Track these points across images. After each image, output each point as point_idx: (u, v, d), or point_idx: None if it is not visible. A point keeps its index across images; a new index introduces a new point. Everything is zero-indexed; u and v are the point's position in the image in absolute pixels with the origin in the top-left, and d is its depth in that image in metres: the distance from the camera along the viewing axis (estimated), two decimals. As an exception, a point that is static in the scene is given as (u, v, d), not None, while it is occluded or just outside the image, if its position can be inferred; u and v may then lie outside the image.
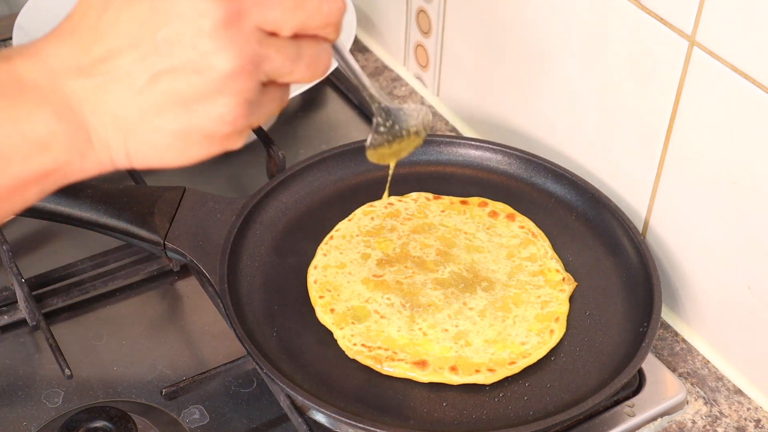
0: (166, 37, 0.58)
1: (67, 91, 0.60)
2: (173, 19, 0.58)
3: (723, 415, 0.94)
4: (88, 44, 0.60)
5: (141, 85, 0.60)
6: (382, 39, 1.34)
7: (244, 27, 0.59)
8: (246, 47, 0.59)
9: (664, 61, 0.92)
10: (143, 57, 0.59)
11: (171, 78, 0.60)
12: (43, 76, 0.60)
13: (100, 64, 0.60)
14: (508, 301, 0.94)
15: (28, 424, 0.90)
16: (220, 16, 0.58)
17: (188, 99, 0.60)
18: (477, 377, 0.87)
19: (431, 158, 1.08)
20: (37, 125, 0.60)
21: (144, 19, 0.59)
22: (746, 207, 0.90)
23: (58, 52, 0.60)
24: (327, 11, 0.63)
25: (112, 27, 0.59)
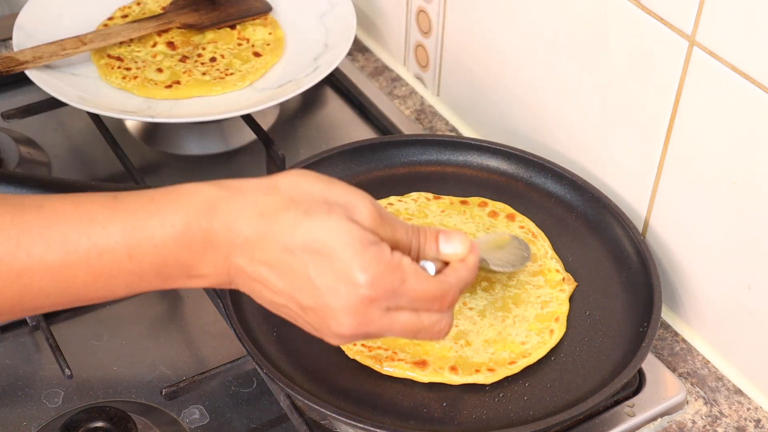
0: (318, 284, 0.70)
1: (232, 263, 0.72)
2: (330, 274, 0.70)
3: (723, 415, 0.94)
4: (262, 253, 0.71)
5: (273, 300, 0.73)
6: (382, 39, 1.34)
7: (372, 310, 0.71)
8: (364, 326, 0.72)
9: (664, 61, 0.92)
10: (292, 286, 0.71)
11: (298, 309, 0.73)
12: (225, 246, 0.72)
13: (262, 269, 0.71)
14: (508, 301, 0.94)
15: (28, 424, 0.90)
16: (362, 296, 0.70)
17: (300, 323, 0.74)
18: (477, 377, 0.87)
19: (431, 158, 1.08)
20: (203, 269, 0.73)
21: (311, 262, 0.70)
22: (746, 207, 0.90)
23: (243, 233, 0.71)
24: (438, 330, 0.75)
25: (285, 252, 0.70)
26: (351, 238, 0.70)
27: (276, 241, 0.70)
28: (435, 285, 0.73)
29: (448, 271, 0.75)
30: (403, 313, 0.73)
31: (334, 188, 0.73)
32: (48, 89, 1.09)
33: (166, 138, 1.21)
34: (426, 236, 0.76)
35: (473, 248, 0.77)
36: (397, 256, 0.72)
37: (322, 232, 0.70)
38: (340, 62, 1.14)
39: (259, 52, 1.19)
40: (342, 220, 0.70)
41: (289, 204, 0.71)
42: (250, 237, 0.70)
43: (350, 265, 0.70)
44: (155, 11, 1.23)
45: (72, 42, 1.14)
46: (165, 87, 1.13)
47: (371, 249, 0.70)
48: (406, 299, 0.72)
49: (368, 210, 0.72)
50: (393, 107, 1.24)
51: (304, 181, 0.73)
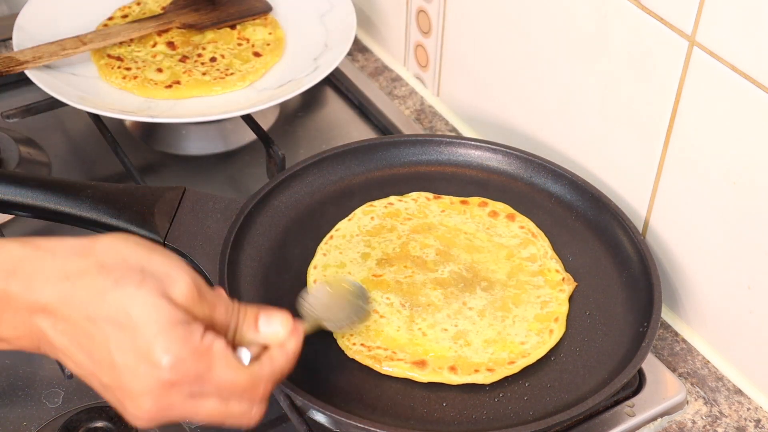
0: (117, 361, 0.66)
1: (33, 326, 0.68)
2: (131, 352, 0.66)
3: (723, 415, 0.94)
4: (64, 321, 0.67)
5: (77, 372, 0.69)
6: (382, 39, 1.34)
7: (172, 395, 0.67)
8: (164, 411, 0.68)
9: (664, 61, 0.92)
10: (92, 361, 0.67)
11: (99, 386, 0.69)
12: (24, 309, 0.68)
13: (64, 338, 0.68)
14: (508, 301, 0.94)
15: (28, 424, 0.90)
16: (162, 379, 0.66)
17: (106, 399, 0.70)
18: (476, 377, 0.87)
19: (431, 158, 1.08)
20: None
21: (113, 336, 0.66)
22: (746, 207, 0.90)
23: (45, 296, 0.67)
24: (247, 419, 0.71)
25: (88, 321, 0.67)
26: (158, 315, 0.66)
27: (80, 308, 0.66)
28: (245, 376, 0.69)
29: (264, 360, 0.72)
30: (209, 400, 0.69)
31: (153, 258, 0.69)
32: (48, 89, 1.09)
33: (166, 138, 1.21)
34: (246, 315, 0.73)
35: (294, 332, 0.74)
36: (208, 339, 0.68)
37: (129, 304, 0.66)
38: (340, 62, 1.14)
39: (259, 52, 1.19)
40: (152, 294, 0.67)
41: (100, 270, 0.67)
42: (51, 301, 0.67)
43: (153, 344, 0.66)
44: (155, 11, 1.23)
45: (72, 42, 1.14)
46: (165, 87, 1.13)
47: (178, 329, 0.66)
48: (212, 387, 0.68)
49: (186, 286, 0.68)
50: (393, 107, 1.25)
51: (123, 247, 0.69)
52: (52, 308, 0.67)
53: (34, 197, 0.95)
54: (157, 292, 0.67)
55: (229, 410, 0.70)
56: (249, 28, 1.22)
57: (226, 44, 1.20)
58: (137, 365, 0.66)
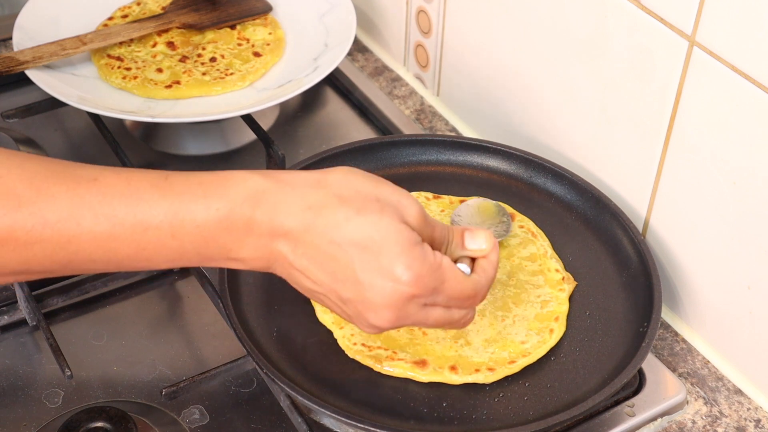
0: (361, 278, 0.74)
1: (273, 249, 0.75)
2: (375, 270, 0.73)
3: (723, 415, 0.94)
4: (306, 245, 0.74)
5: (312, 289, 0.76)
6: (382, 39, 1.34)
7: (410, 306, 0.75)
8: (401, 320, 0.76)
9: (664, 61, 0.92)
10: (334, 278, 0.74)
11: (337, 300, 0.76)
12: (267, 235, 0.74)
13: (304, 260, 0.74)
14: (508, 300, 0.94)
15: (28, 424, 0.90)
16: (404, 293, 0.74)
17: (337, 312, 0.78)
18: (477, 376, 0.87)
19: (431, 158, 1.08)
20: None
21: (358, 257, 0.73)
22: (746, 207, 0.90)
23: (287, 224, 0.74)
24: (464, 321, 0.81)
25: (332, 245, 0.73)
26: (400, 238, 0.73)
27: (323, 234, 0.73)
28: (470, 285, 0.78)
29: (479, 271, 0.80)
30: (437, 308, 0.77)
31: (383, 188, 0.76)
32: (48, 89, 1.09)
33: (166, 138, 1.21)
34: (454, 234, 0.80)
35: (495, 246, 0.81)
36: (438, 256, 0.76)
37: (373, 230, 0.73)
38: (340, 62, 1.14)
39: (259, 52, 1.19)
40: (393, 220, 0.74)
41: (340, 200, 0.74)
42: (295, 228, 0.73)
43: (396, 263, 0.73)
44: (155, 11, 1.23)
45: (72, 42, 1.14)
46: (165, 87, 1.13)
47: (416, 249, 0.74)
48: (443, 297, 0.76)
49: (416, 212, 0.76)
50: (393, 107, 1.24)
51: (354, 179, 0.76)
52: (296, 234, 0.73)
53: (34, 197, 0.95)
54: (396, 218, 0.74)
55: (451, 316, 0.78)
56: (249, 28, 1.22)
57: (226, 44, 1.20)
58: (382, 282, 0.73)
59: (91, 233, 0.72)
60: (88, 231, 0.72)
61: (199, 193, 0.73)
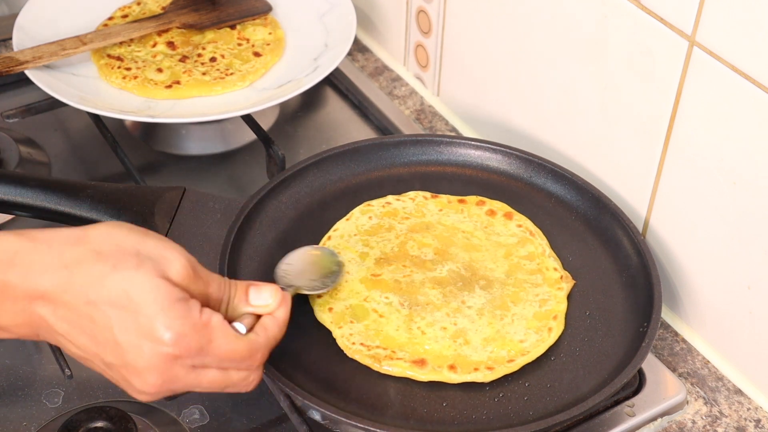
0: (120, 341, 0.69)
1: (33, 314, 0.71)
2: (134, 331, 0.69)
3: (723, 415, 0.94)
4: (65, 307, 0.70)
5: (78, 355, 0.72)
6: (382, 39, 1.34)
7: (176, 368, 0.71)
8: (169, 383, 0.71)
9: (664, 61, 0.92)
10: (95, 342, 0.70)
11: (102, 366, 0.72)
12: (23, 298, 0.70)
13: (64, 324, 0.70)
14: (507, 299, 0.94)
15: (28, 424, 0.90)
16: (166, 354, 0.69)
17: (108, 378, 0.73)
18: (476, 375, 0.87)
19: (431, 158, 1.08)
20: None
21: (115, 318, 0.69)
22: (746, 207, 0.90)
23: (43, 285, 0.70)
24: (246, 384, 0.76)
25: (89, 305, 0.69)
26: (158, 294, 0.69)
27: (79, 294, 0.69)
28: (243, 345, 0.73)
29: (258, 330, 0.76)
30: (210, 370, 0.73)
31: (147, 241, 0.72)
32: (48, 89, 1.09)
33: (166, 138, 1.21)
34: (237, 289, 0.77)
35: (283, 301, 0.78)
36: (206, 314, 0.71)
37: (129, 286, 0.69)
38: (340, 62, 1.14)
39: (259, 52, 1.19)
40: (150, 275, 0.69)
41: (96, 257, 0.70)
42: (50, 289, 0.69)
43: (155, 322, 0.69)
44: (155, 11, 1.23)
45: (72, 42, 1.14)
46: (165, 87, 1.13)
47: (178, 306, 0.70)
48: (213, 358, 0.72)
49: (181, 265, 0.72)
50: (393, 107, 1.25)
51: (117, 233, 0.72)
52: (52, 296, 0.69)
53: (34, 197, 0.95)
54: (154, 272, 0.70)
55: (229, 379, 0.74)
56: (249, 28, 1.22)
57: (226, 44, 1.20)
58: (141, 343, 0.69)
59: None
60: None
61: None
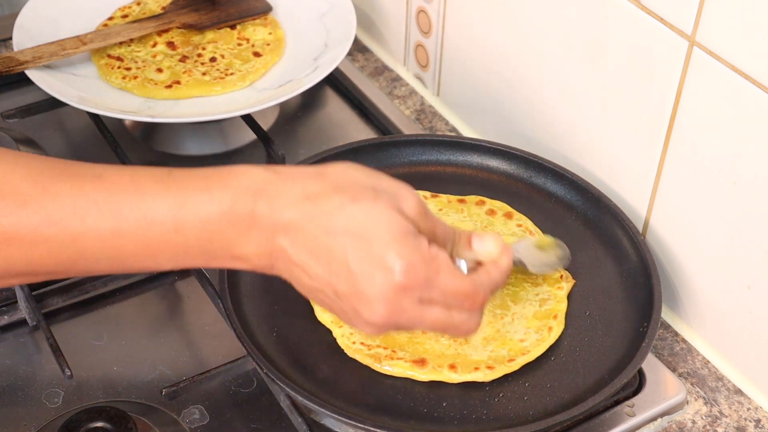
0: (354, 269, 0.71)
1: (275, 244, 0.73)
2: (367, 260, 0.71)
3: (723, 415, 0.94)
4: (304, 236, 0.72)
5: (311, 285, 0.74)
6: (382, 39, 1.34)
7: (404, 300, 0.72)
8: (396, 315, 0.73)
9: (664, 61, 0.92)
10: (329, 271, 0.72)
11: (334, 296, 0.73)
12: (269, 227, 0.73)
13: (302, 253, 0.73)
14: (507, 298, 0.94)
15: (28, 424, 0.90)
16: (396, 283, 0.71)
17: (336, 311, 0.75)
18: (476, 375, 0.87)
19: (431, 158, 1.08)
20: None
21: (350, 246, 0.71)
22: (746, 207, 0.90)
23: (287, 215, 0.73)
24: (466, 328, 0.77)
25: (327, 235, 0.72)
26: (392, 225, 0.72)
27: (319, 223, 0.72)
28: (467, 282, 0.75)
29: (481, 271, 0.78)
30: (435, 307, 0.74)
31: (382, 179, 0.76)
32: (48, 89, 1.09)
33: (166, 138, 1.21)
34: (461, 236, 0.79)
35: (506, 250, 0.79)
36: (434, 249, 0.73)
37: (365, 216, 0.72)
38: (340, 62, 1.14)
39: (259, 52, 1.19)
40: (387, 208, 0.72)
41: (336, 189, 0.73)
42: (294, 219, 0.72)
43: (387, 251, 0.71)
44: (155, 11, 1.23)
45: (72, 42, 1.14)
46: (165, 87, 1.13)
47: (410, 238, 0.72)
48: (439, 293, 0.74)
49: (414, 202, 0.75)
50: (393, 107, 1.25)
51: (352, 171, 0.76)
52: (294, 226, 0.72)
53: (34, 197, 0.95)
54: (390, 205, 0.73)
55: (451, 318, 0.75)
56: (249, 28, 1.22)
57: (226, 44, 1.20)
58: (373, 271, 0.71)
59: (96, 230, 0.72)
60: (93, 228, 0.72)
61: (202, 186, 0.73)
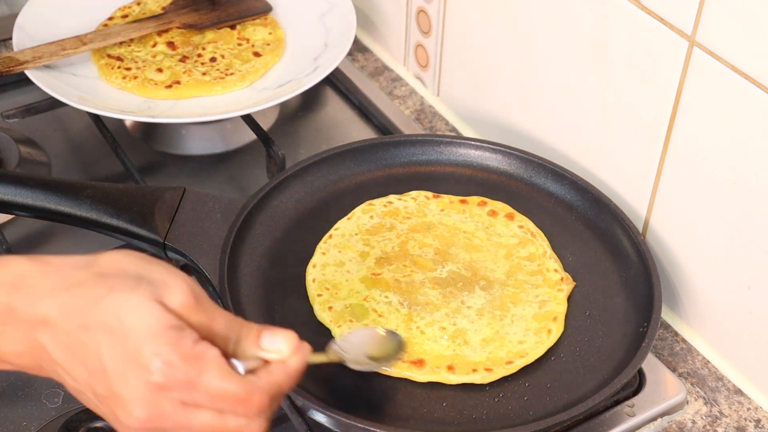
0: (108, 368, 0.66)
1: (35, 342, 0.68)
2: (121, 357, 0.65)
3: (723, 415, 0.94)
4: (62, 332, 0.67)
5: (74, 387, 0.69)
6: (382, 39, 1.34)
7: (164, 402, 0.66)
8: (156, 420, 0.67)
9: (664, 61, 0.92)
10: (87, 371, 0.67)
11: (94, 399, 0.68)
12: (26, 323, 0.68)
13: (61, 352, 0.68)
14: (506, 300, 0.94)
15: (28, 424, 0.90)
16: (151, 383, 0.65)
17: (102, 415, 0.70)
18: (474, 377, 0.87)
19: (431, 158, 1.08)
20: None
21: (105, 342, 0.66)
22: (746, 207, 0.90)
23: (44, 308, 0.67)
24: (250, 429, 0.69)
25: (82, 329, 0.67)
26: (148, 319, 0.66)
27: (75, 317, 0.66)
28: (237, 384, 0.67)
29: (261, 373, 0.70)
30: (202, 411, 0.67)
31: (153, 268, 0.69)
32: (48, 89, 1.09)
33: (166, 138, 1.21)
34: (249, 330, 0.71)
35: (298, 350, 0.72)
36: (201, 346, 0.67)
37: (120, 308, 0.66)
38: (340, 62, 1.14)
39: (259, 52, 1.19)
40: (144, 299, 0.66)
41: (97, 279, 0.67)
42: (51, 312, 0.67)
43: (142, 347, 0.65)
44: (155, 11, 1.23)
45: (72, 42, 1.14)
46: (165, 87, 1.13)
47: (169, 333, 0.66)
48: (204, 395, 0.66)
49: (182, 292, 0.68)
50: (393, 107, 1.25)
51: (124, 258, 0.69)
52: (52, 320, 0.67)
53: (34, 197, 0.95)
54: (149, 296, 0.66)
55: (224, 424, 0.68)
56: (249, 28, 1.22)
57: (226, 44, 1.20)
58: (127, 370, 0.65)
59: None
60: None
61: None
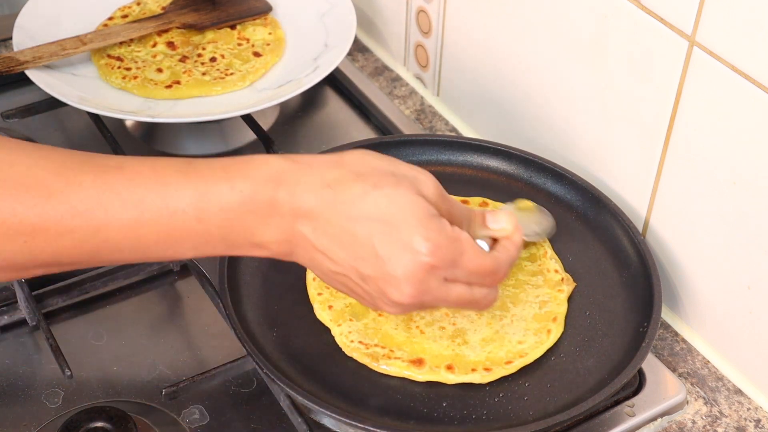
0: (381, 253, 0.74)
1: (295, 231, 0.75)
2: (394, 243, 0.74)
3: (723, 415, 0.94)
4: (327, 223, 0.75)
5: (333, 270, 0.76)
6: (382, 39, 1.34)
7: (431, 279, 0.75)
8: (422, 295, 0.75)
9: (664, 61, 0.92)
10: (354, 256, 0.75)
11: (358, 279, 0.76)
12: (289, 214, 0.75)
13: (325, 239, 0.75)
14: (506, 300, 0.93)
15: (28, 424, 0.90)
16: (423, 263, 0.74)
17: (358, 294, 0.77)
18: (473, 376, 0.87)
19: (431, 158, 1.08)
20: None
21: (376, 231, 0.74)
22: (746, 207, 0.90)
23: (308, 202, 0.74)
24: (486, 303, 0.80)
25: (351, 221, 0.74)
26: (416, 209, 0.74)
27: (342, 210, 0.74)
28: (489, 260, 0.78)
29: (500, 249, 0.80)
30: (458, 285, 0.77)
31: (399, 164, 0.77)
32: (48, 89, 1.09)
33: (166, 138, 1.21)
34: (476, 215, 0.81)
35: (518, 228, 0.82)
36: (457, 231, 0.76)
37: (389, 202, 0.74)
38: (340, 62, 1.14)
39: (259, 52, 1.19)
40: (409, 193, 0.74)
41: (357, 177, 0.75)
42: (315, 206, 0.74)
43: (414, 234, 0.73)
44: (155, 11, 1.23)
45: (72, 42, 1.14)
46: (165, 87, 1.13)
47: (434, 221, 0.74)
48: (463, 272, 0.76)
49: (433, 186, 0.77)
50: (393, 107, 1.24)
51: (370, 157, 0.77)
52: (315, 213, 0.74)
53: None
54: (412, 190, 0.75)
55: (473, 294, 0.78)
56: (249, 28, 1.22)
57: (226, 44, 1.20)
58: (401, 254, 0.73)
59: (119, 220, 0.73)
60: (116, 218, 0.73)
61: (222, 176, 0.74)
